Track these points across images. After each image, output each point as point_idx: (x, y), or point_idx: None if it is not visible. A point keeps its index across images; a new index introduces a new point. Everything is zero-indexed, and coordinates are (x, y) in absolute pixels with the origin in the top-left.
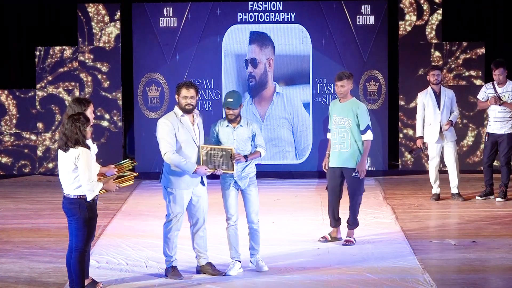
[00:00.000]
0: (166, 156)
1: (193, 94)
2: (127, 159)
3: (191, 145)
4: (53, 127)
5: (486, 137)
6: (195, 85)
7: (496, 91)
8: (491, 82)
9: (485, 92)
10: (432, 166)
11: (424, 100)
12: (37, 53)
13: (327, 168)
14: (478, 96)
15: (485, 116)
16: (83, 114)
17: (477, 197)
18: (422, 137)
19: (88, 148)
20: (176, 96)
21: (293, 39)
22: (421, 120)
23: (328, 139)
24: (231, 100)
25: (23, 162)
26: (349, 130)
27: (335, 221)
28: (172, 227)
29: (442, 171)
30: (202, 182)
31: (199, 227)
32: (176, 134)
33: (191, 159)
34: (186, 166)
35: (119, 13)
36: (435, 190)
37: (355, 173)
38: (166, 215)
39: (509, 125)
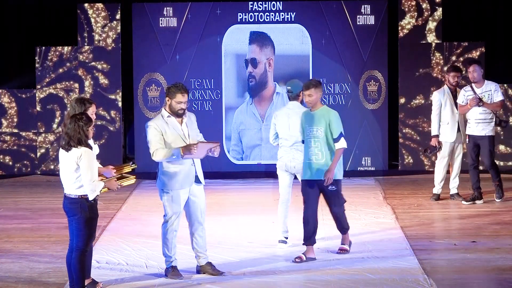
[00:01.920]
0: (153, 155)
1: (186, 99)
2: (128, 163)
3: (181, 145)
4: (53, 127)
5: (467, 140)
6: (187, 88)
7: (475, 93)
8: (469, 85)
9: (464, 95)
10: (441, 166)
11: (442, 99)
12: (37, 53)
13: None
14: (457, 101)
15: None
16: (85, 113)
17: (463, 202)
18: (437, 136)
19: (90, 148)
20: (167, 99)
21: (293, 39)
22: (437, 118)
23: None
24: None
25: (23, 162)
26: (322, 140)
27: (312, 239)
28: (170, 228)
29: None
30: (197, 181)
31: (198, 227)
32: (164, 136)
33: (184, 159)
34: (173, 152)
35: (119, 13)
36: (437, 190)
37: (332, 187)
38: (164, 216)
39: (490, 127)
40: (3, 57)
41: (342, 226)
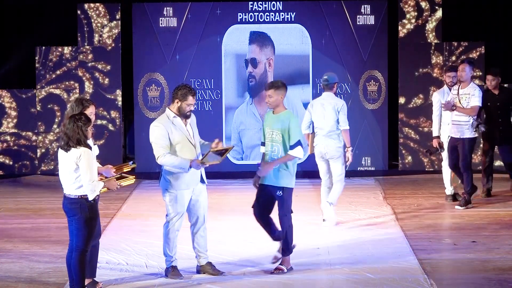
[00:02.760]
0: (159, 159)
1: (195, 101)
2: (127, 162)
3: (187, 146)
4: (53, 127)
5: (448, 141)
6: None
7: (458, 93)
8: (457, 84)
9: (452, 94)
10: (447, 166)
11: (442, 99)
12: (37, 53)
13: (258, 185)
14: (447, 99)
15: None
16: (84, 114)
17: (457, 207)
18: (438, 137)
19: (90, 148)
20: (177, 101)
21: (293, 39)
22: (438, 119)
23: (263, 153)
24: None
25: (23, 162)
26: (279, 145)
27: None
28: (173, 227)
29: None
30: (202, 180)
31: (200, 227)
32: (170, 136)
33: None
34: (180, 164)
35: (119, 13)
36: (450, 191)
37: (279, 192)
38: (166, 215)
39: (465, 130)
40: (3, 57)
41: (286, 244)
